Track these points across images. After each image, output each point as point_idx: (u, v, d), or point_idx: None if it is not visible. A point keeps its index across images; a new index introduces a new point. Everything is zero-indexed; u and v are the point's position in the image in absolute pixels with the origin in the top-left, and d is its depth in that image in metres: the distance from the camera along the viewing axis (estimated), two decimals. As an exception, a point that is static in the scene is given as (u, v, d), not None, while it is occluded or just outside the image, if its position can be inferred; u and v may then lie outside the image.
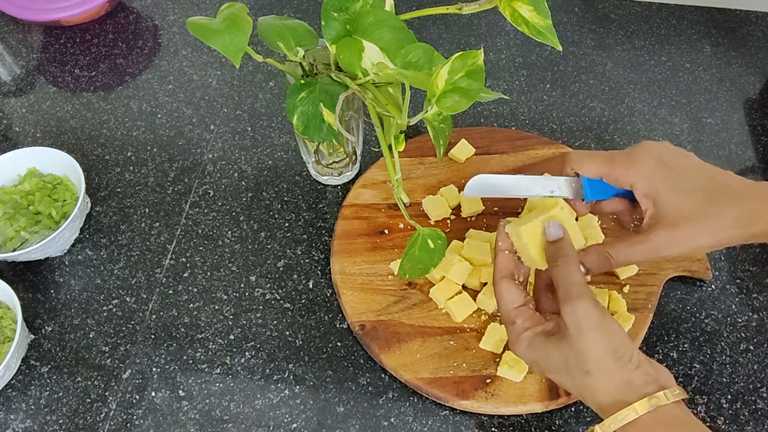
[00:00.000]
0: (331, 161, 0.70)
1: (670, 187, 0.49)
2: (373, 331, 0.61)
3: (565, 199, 0.53)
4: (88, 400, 0.60)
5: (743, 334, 0.63)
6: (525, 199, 0.69)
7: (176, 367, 0.62)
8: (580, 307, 0.46)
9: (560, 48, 0.51)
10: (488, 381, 0.58)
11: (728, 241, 0.48)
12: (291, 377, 0.61)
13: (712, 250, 0.50)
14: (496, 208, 0.69)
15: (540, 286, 0.54)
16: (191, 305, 0.66)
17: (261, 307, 0.65)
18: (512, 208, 0.69)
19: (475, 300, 0.62)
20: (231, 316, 0.65)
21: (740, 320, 0.64)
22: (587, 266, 0.51)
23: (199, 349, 0.63)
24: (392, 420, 0.59)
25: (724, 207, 0.47)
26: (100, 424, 0.59)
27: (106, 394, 0.61)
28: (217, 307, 0.65)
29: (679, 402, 0.45)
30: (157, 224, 0.71)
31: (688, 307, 0.64)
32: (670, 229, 0.48)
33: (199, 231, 0.71)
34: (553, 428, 0.58)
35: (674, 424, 0.44)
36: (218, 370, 0.62)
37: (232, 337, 0.64)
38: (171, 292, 0.67)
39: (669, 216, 0.49)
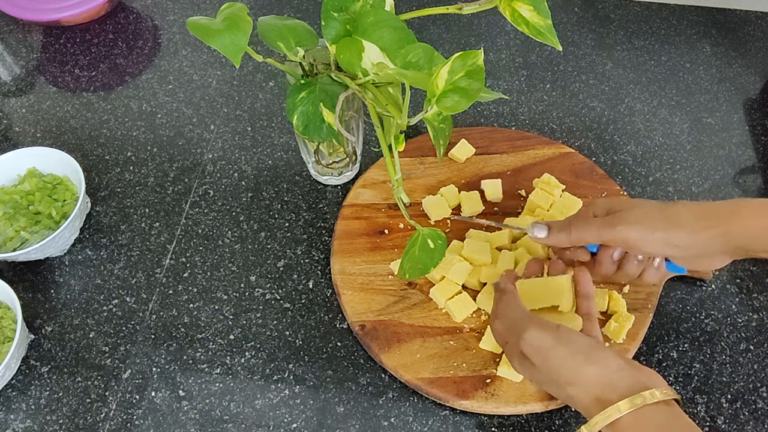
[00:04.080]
0: (331, 161, 0.70)
1: (626, 203, 0.52)
2: (373, 331, 0.61)
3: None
4: (88, 400, 0.60)
5: (743, 334, 0.63)
6: (525, 199, 0.70)
7: (176, 367, 0.62)
8: (530, 337, 0.50)
9: (560, 48, 0.51)
10: (488, 381, 0.58)
11: (681, 237, 0.49)
12: (291, 377, 0.61)
13: (671, 253, 0.51)
14: (496, 209, 0.69)
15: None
16: (191, 305, 0.66)
17: (261, 307, 0.65)
18: (512, 208, 0.69)
19: (475, 300, 0.62)
20: (231, 316, 0.65)
21: (740, 320, 0.64)
22: (551, 237, 0.55)
23: (199, 349, 0.63)
24: (392, 420, 0.59)
25: (682, 206, 0.50)
26: (100, 424, 0.59)
27: (106, 394, 0.61)
28: (217, 307, 0.65)
29: (669, 402, 0.46)
30: (157, 224, 0.71)
31: (688, 307, 0.64)
32: (628, 212, 0.51)
33: (199, 231, 0.71)
34: (553, 428, 0.58)
35: (661, 424, 0.45)
36: (218, 370, 0.62)
37: (232, 337, 0.64)
38: (171, 292, 0.67)
39: (627, 209, 0.51)
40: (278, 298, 0.66)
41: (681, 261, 0.53)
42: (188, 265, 0.68)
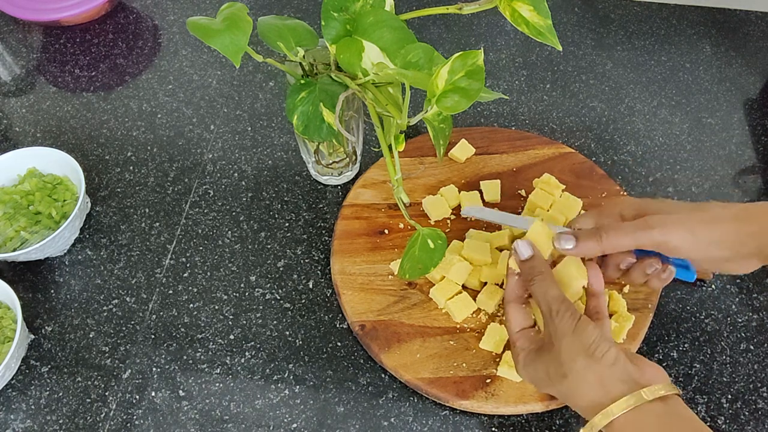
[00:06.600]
0: (331, 161, 0.70)
1: (657, 203, 0.52)
2: (373, 331, 0.61)
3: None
4: (88, 400, 0.60)
5: (743, 334, 0.63)
6: (525, 199, 0.70)
7: (176, 367, 0.62)
8: (557, 317, 0.49)
9: (560, 48, 0.51)
10: (488, 381, 0.58)
11: (722, 236, 0.48)
12: (291, 377, 0.61)
13: (709, 255, 0.50)
14: (495, 209, 0.69)
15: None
16: (191, 305, 0.66)
17: (261, 307, 0.65)
18: (512, 208, 0.69)
19: (475, 300, 0.62)
20: (231, 316, 0.65)
21: (740, 320, 0.64)
22: (579, 247, 0.52)
23: (199, 349, 0.63)
24: (392, 420, 0.59)
25: (714, 206, 0.49)
26: (100, 424, 0.59)
27: (106, 394, 0.61)
28: (217, 307, 0.65)
29: (669, 398, 0.45)
30: (157, 224, 0.71)
31: (688, 307, 0.64)
32: (663, 214, 0.49)
33: (199, 231, 0.71)
34: (553, 428, 0.58)
35: (656, 421, 0.44)
36: (218, 370, 0.62)
37: (232, 337, 0.64)
38: (171, 292, 0.67)
39: (661, 210, 0.50)
40: (278, 298, 0.66)
41: (709, 264, 0.52)
42: (188, 265, 0.68)
